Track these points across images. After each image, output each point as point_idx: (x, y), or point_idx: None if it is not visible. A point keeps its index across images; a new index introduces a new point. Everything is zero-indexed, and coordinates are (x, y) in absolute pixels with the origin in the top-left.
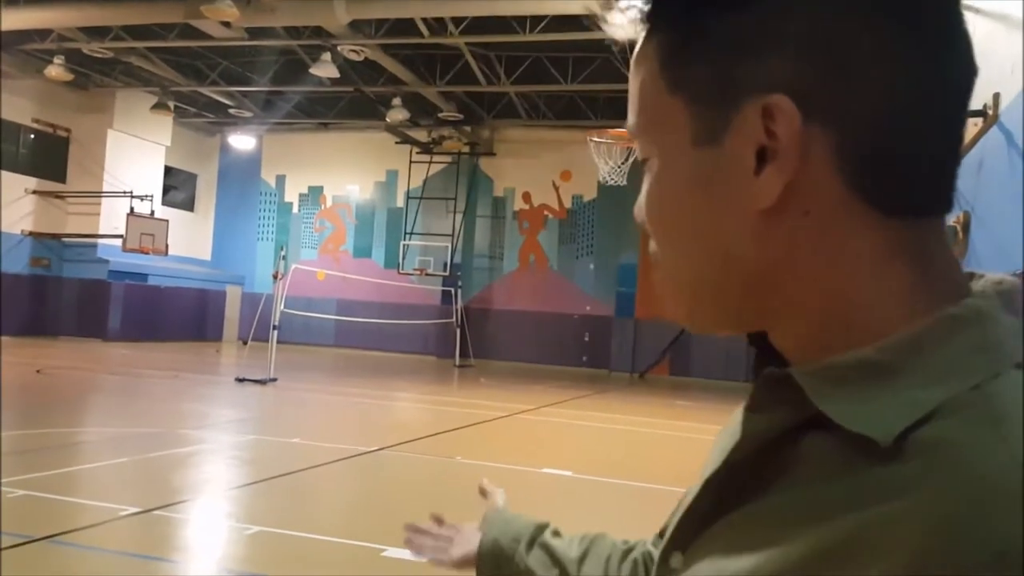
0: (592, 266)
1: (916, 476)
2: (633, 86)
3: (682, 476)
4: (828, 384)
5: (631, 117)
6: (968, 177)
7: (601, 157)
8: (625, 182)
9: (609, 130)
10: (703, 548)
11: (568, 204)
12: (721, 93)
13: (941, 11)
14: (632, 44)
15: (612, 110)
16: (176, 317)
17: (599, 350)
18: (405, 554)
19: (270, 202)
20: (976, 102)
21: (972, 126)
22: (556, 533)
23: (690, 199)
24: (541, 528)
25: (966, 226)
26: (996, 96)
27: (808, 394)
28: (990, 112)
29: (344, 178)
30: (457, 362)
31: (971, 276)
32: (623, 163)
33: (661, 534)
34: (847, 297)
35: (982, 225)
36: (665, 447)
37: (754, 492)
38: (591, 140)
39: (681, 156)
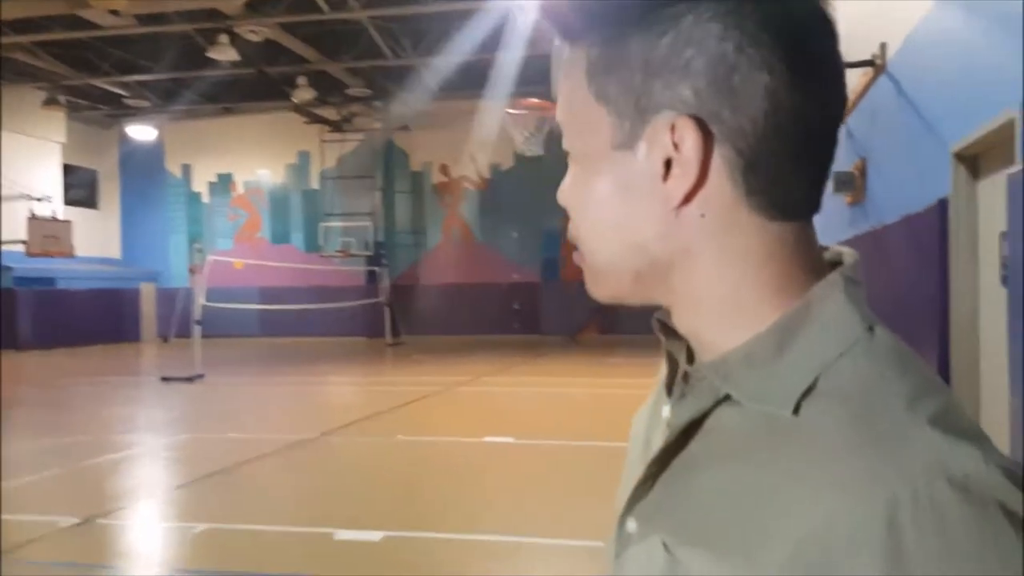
0: (516, 234)
1: (804, 445)
2: (564, 88)
3: (619, 432)
4: (730, 371)
5: (560, 114)
6: (863, 125)
7: (516, 128)
8: (542, 151)
9: (523, 100)
10: (652, 513)
11: (487, 174)
12: (636, 107)
13: (810, 41)
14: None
15: (523, 78)
16: (89, 320)
17: (530, 316)
18: (357, 535)
19: (178, 193)
20: (864, 52)
21: (862, 76)
22: None
23: (607, 194)
24: None
25: (863, 171)
26: (883, 46)
27: (717, 382)
28: (878, 62)
29: (254, 163)
30: (389, 341)
31: (832, 263)
32: (536, 132)
33: None
34: (735, 286)
35: (876, 169)
36: (601, 405)
37: (688, 465)
38: (506, 112)
39: (602, 157)
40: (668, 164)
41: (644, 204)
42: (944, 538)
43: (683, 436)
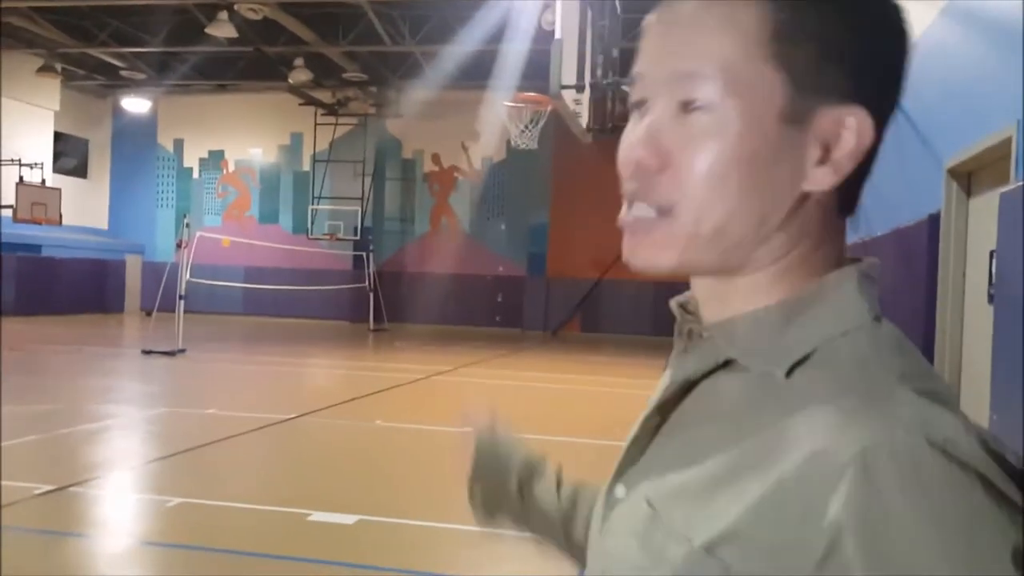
0: (503, 227)
1: (795, 403)
2: (709, 37)
3: (596, 428)
4: (735, 333)
5: (693, 62)
6: None
7: (513, 121)
8: (536, 146)
9: (521, 93)
10: (641, 475)
11: (478, 165)
12: (819, 86)
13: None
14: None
15: (522, 71)
16: (74, 289)
17: (512, 310)
18: (331, 517)
19: (168, 167)
20: None
21: None
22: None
23: (755, 161)
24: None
25: None
26: None
27: (721, 343)
28: None
29: (246, 141)
30: (371, 326)
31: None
32: (532, 126)
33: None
34: (790, 264)
35: (868, 181)
36: (579, 401)
37: (681, 425)
38: (504, 104)
39: (761, 124)
40: (826, 149)
41: (783, 178)
42: (918, 487)
43: (680, 392)
